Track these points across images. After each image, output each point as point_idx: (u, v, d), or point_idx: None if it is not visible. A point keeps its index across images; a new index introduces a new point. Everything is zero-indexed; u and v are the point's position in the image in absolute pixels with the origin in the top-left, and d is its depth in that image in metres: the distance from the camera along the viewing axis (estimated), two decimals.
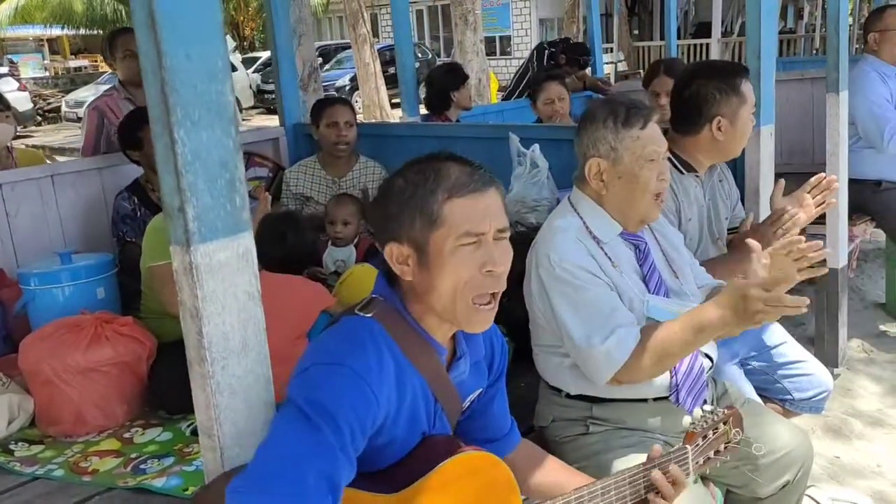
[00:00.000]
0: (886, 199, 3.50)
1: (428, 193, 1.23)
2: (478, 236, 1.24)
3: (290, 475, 1.06)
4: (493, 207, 1.26)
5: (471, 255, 1.24)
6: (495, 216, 1.26)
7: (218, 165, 1.07)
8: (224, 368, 1.11)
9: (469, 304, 1.25)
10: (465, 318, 1.27)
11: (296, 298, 2.21)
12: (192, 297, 1.07)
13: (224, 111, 1.07)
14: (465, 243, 1.23)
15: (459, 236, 1.23)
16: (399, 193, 1.27)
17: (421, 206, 1.24)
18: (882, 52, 3.49)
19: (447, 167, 1.26)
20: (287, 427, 1.12)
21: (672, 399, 1.82)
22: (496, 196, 1.28)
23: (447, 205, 1.23)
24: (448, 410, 1.36)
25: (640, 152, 1.79)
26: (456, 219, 1.23)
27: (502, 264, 1.26)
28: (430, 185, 1.24)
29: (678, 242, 2.02)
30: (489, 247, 1.24)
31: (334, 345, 1.23)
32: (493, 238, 1.25)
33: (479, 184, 1.25)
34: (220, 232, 1.08)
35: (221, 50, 1.06)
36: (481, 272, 1.24)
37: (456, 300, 1.25)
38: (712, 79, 2.25)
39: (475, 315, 1.26)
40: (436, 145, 3.55)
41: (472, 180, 1.25)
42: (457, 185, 1.24)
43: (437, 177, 1.24)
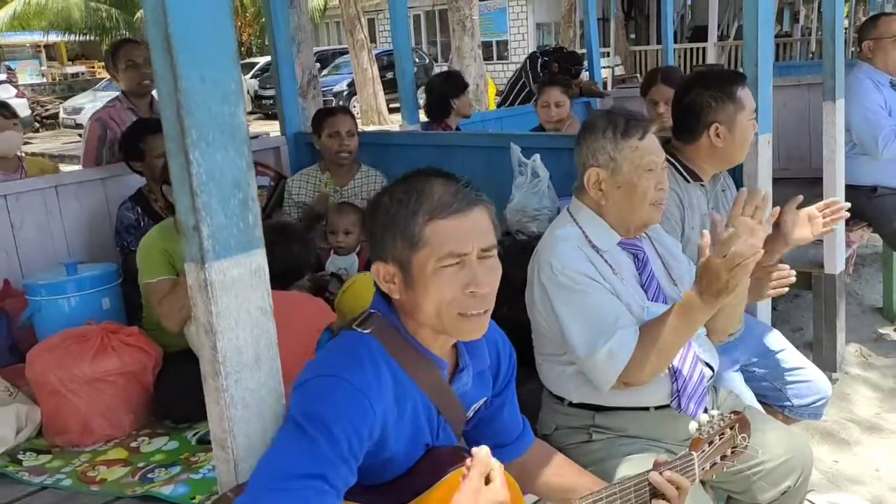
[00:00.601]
0: (882, 204, 3.53)
1: (410, 215, 1.24)
2: (460, 257, 1.23)
3: (288, 488, 1.08)
4: (478, 227, 1.26)
5: (454, 276, 1.24)
6: (479, 236, 1.25)
7: (231, 185, 1.09)
8: (237, 382, 1.13)
9: (455, 317, 1.26)
10: (455, 329, 1.28)
11: (300, 315, 2.22)
12: (207, 312, 1.09)
13: (237, 132, 1.09)
14: (448, 264, 1.23)
15: (441, 258, 1.23)
16: (384, 213, 1.28)
17: (403, 228, 1.24)
18: (876, 59, 3.52)
19: (431, 187, 1.26)
20: (284, 441, 1.15)
21: (673, 405, 1.85)
22: (482, 215, 1.27)
23: (429, 226, 1.23)
24: (452, 422, 1.38)
25: (638, 162, 1.82)
26: (438, 240, 1.23)
27: (487, 285, 1.25)
28: (412, 205, 1.24)
29: (676, 250, 2.05)
30: (472, 267, 1.24)
31: (332, 359, 1.26)
32: (476, 258, 1.25)
33: (463, 203, 1.24)
34: (234, 249, 1.10)
35: (235, 73, 1.09)
36: (464, 293, 1.24)
37: (441, 317, 1.26)
38: (708, 87, 2.29)
39: (465, 323, 1.26)
40: (436, 154, 3.61)
41: (455, 200, 1.24)
42: (438, 207, 1.23)
43: (419, 197, 1.24)
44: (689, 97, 2.32)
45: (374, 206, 1.32)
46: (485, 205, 1.30)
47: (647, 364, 1.72)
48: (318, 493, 1.09)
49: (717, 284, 1.56)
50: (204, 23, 1.04)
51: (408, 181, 1.31)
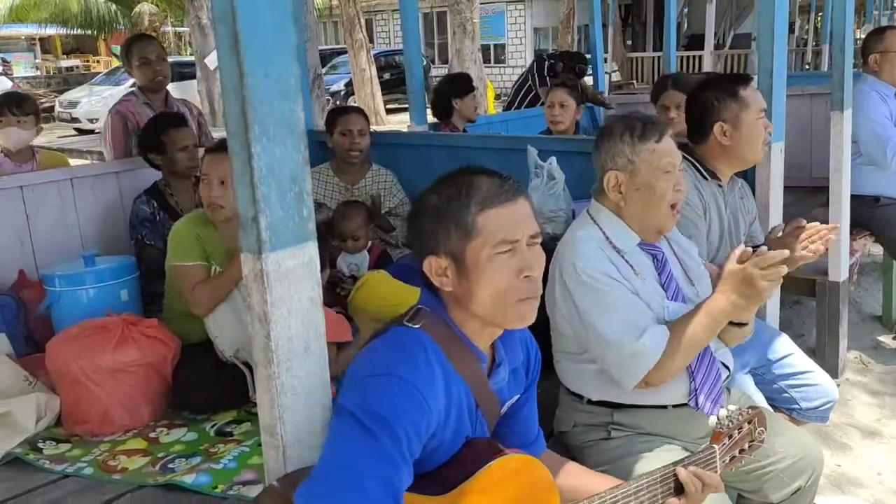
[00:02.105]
0: (884, 214, 3.59)
1: (462, 206, 1.30)
2: (512, 244, 1.30)
3: (354, 484, 1.12)
4: (524, 215, 1.33)
5: (507, 262, 1.30)
6: (527, 223, 1.32)
7: (289, 179, 1.13)
8: (288, 370, 1.16)
9: (513, 303, 1.31)
10: (513, 314, 1.32)
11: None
12: (262, 302, 1.13)
13: (295, 128, 1.13)
14: (501, 251, 1.29)
15: (495, 245, 1.29)
16: (434, 209, 1.33)
17: (456, 219, 1.30)
18: (882, 72, 3.58)
19: (478, 180, 1.33)
20: (347, 436, 1.17)
21: (691, 404, 1.89)
22: (525, 204, 1.34)
23: (481, 216, 1.29)
24: (488, 416, 1.42)
25: (656, 164, 1.87)
26: (490, 228, 1.29)
27: (538, 268, 1.32)
28: (463, 198, 1.30)
29: (692, 251, 2.10)
30: (524, 253, 1.31)
31: (385, 355, 1.29)
32: (526, 244, 1.31)
33: (510, 194, 1.31)
34: (289, 241, 1.14)
35: (294, 70, 1.12)
36: (519, 278, 1.30)
37: (496, 305, 1.31)
38: (712, 88, 2.39)
39: (521, 308, 1.32)
40: (447, 155, 3.64)
41: (502, 191, 1.31)
42: (489, 197, 1.30)
43: (469, 190, 1.31)
44: (697, 99, 2.43)
45: (421, 205, 1.37)
46: (526, 196, 1.37)
47: (670, 364, 1.76)
48: (391, 495, 1.13)
49: (750, 292, 1.63)
50: (268, 20, 1.08)
51: (453, 178, 1.36)
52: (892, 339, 3.92)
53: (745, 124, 2.33)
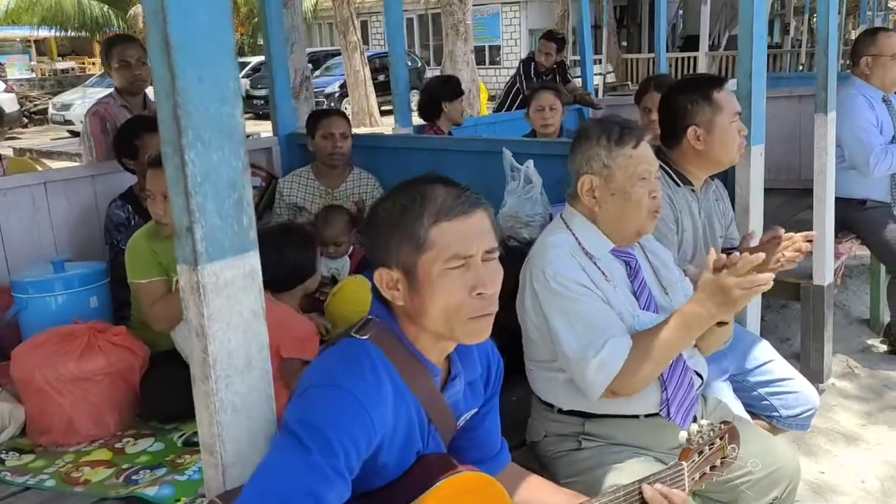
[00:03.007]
0: (871, 217, 3.56)
1: (414, 218, 1.25)
2: (466, 259, 1.24)
3: (282, 501, 1.07)
4: (481, 229, 1.27)
5: (460, 277, 1.24)
6: (483, 237, 1.27)
7: (227, 186, 1.08)
8: (228, 386, 1.12)
9: (465, 321, 1.26)
10: (462, 332, 1.28)
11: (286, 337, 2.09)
12: (199, 315, 1.08)
13: (234, 133, 1.09)
14: (454, 266, 1.24)
15: (447, 259, 1.23)
16: (386, 218, 1.28)
17: (408, 231, 1.25)
18: (873, 76, 3.52)
19: (434, 190, 1.27)
20: (281, 451, 1.14)
21: (663, 414, 1.85)
22: (484, 217, 1.29)
23: (434, 228, 1.24)
24: (442, 430, 1.37)
25: (632, 170, 1.83)
26: (443, 242, 1.23)
27: (492, 286, 1.26)
28: (416, 209, 1.25)
29: (667, 258, 2.06)
30: (478, 268, 1.25)
31: (332, 367, 1.25)
32: (481, 259, 1.26)
33: (466, 206, 1.26)
34: (228, 251, 1.09)
35: (234, 72, 1.08)
36: (471, 295, 1.24)
37: (450, 322, 1.26)
38: (685, 91, 2.34)
39: (473, 325, 1.27)
40: (430, 158, 3.60)
41: (458, 203, 1.25)
42: (443, 209, 1.24)
43: (423, 200, 1.25)
44: (670, 103, 2.38)
45: (375, 213, 1.32)
46: (485, 207, 1.31)
47: (639, 374, 1.72)
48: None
49: (727, 301, 1.58)
50: (203, 22, 1.04)
51: (409, 187, 1.31)
52: (879, 343, 3.88)
53: (719, 128, 2.29)
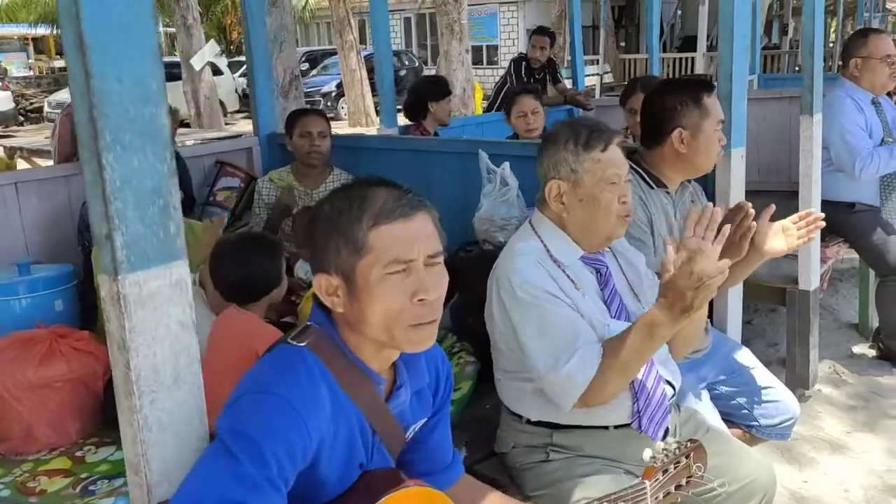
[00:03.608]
0: (859, 221, 3.50)
1: (353, 221, 1.19)
2: (406, 263, 1.19)
3: None
4: (423, 232, 1.21)
5: (400, 283, 1.19)
6: (425, 241, 1.21)
7: (150, 192, 1.03)
8: (153, 402, 1.06)
9: (406, 328, 1.21)
10: (403, 340, 1.22)
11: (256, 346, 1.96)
12: (120, 328, 1.02)
13: (158, 136, 1.03)
14: (394, 271, 1.18)
15: (387, 264, 1.18)
16: (325, 222, 1.22)
17: (346, 235, 1.19)
18: (862, 78, 3.46)
19: (373, 192, 1.22)
20: (208, 461, 1.08)
21: (634, 426, 1.80)
22: (426, 220, 1.23)
23: (373, 232, 1.18)
24: (388, 442, 1.32)
25: (600, 175, 1.77)
26: (382, 245, 1.18)
27: (435, 291, 1.21)
28: (354, 211, 1.19)
29: (639, 264, 2.01)
30: (420, 273, 1.20)
31: (265, 374, 1.19)
32: (423, 264, 1.20)
33: (407, 208, 1.20)
34: (152, 261, 1.04)
35: (157, 72, 1.02)
36: (412, 301, 1.19)
37: (389, 330, 1.20)
38: (674, 92, 2.27)
39: (415, 334, 1.21)
40: (411, 159, 3.55)
41: (398, 205, 1.20)
42: (382, 211, 1.19)
43: (362, 203, 1.20)
44: (656, 102, 2.30)
45: (314, 216, 1.26)
46: (429, 210, 1.25)
47: (608, 383, 1.66)
48: None
49: (681, 303, 1.52)
50: (122, 20, 0.98)
51: (349, 189, 1.26)
52: (868, 348, 3.83)
53: (704, 133, 2.22)
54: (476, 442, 2.13)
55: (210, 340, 2.09)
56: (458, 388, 2.43)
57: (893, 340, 3.59)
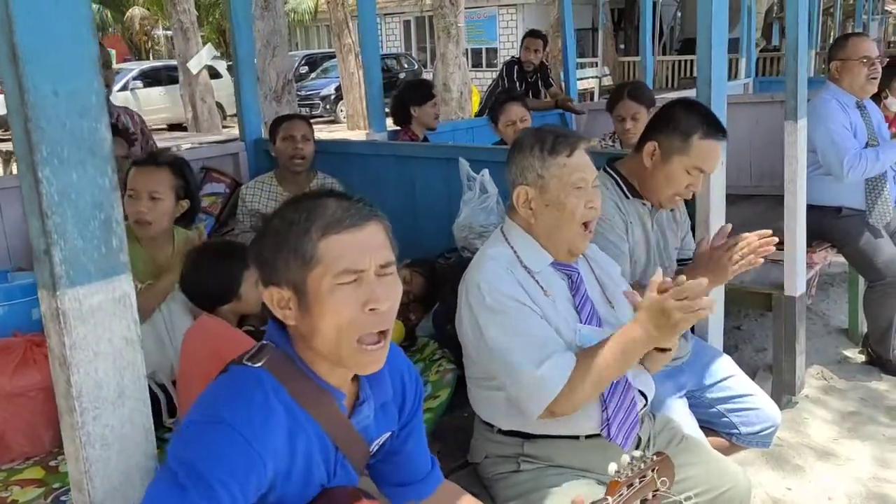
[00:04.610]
0: (847, 225, 3.48)
1: (302, 232, 1.18)
2: (357, 273, 1.18)
3: None
4: (374, 242, 1.20)
5: (351, 293, 1.17)
6: (376, 251, 1.20)
7: (91, 206, 1.01)
8: (96, 419, 1.05)
9: (354, 345, 1.19)
10: (352, 360, 1.21)
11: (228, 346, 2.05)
12: (60, 344, 1.01)
13: (98, 149, 1.01)
14: (344, 282, 1.17)
15: (337, 274, 1.17)
16: (274, 234, 1.21)
17: (295, 246, 1.18)
18: (843, 80, 3.46)
19: (323, 203, 1.21)
20: (157, 491, 1.07)
21: (603, 434, 1.78)
22: (378, 230, 1.22)
23: (322, 242, 1.17)
24: (352, 458, 1.30)
25: (566, 180, 1.76)
26: (332, 256, 1.17)
27: (386, 301, 1.20)
28: (303, 223, 1.18)
29: (613, 271, 1.99)
30: (371, 283, 1.18)
31: (218, 399, 1.18)
32: (375, 274, 1.19)
33: (357, 218, 1.19)
34: (93, 276, 1.02)
35: (95, 85, 1.01)
36: (363, 311, 1.18)
37: (340, 342, 1.19)
38: (686, 111, 2.17)
39: (363, 356, 1.20)
40: (396, 164, 3.54)
41: (348, 215, 1.19)
42: (332, 222, 1.18)
43: (311, 214, 1.19)
44: (669, 108, 2.25)
45: (264, 229, 1.25)
46: (380, 220, 1.24)
47: (578, 394, 1.65)
48: None
49: (666, 321, 1.51)
50: (58, 31, 0.97)
51: (299, 201, 1.25)
52: (857, 353, 3.81)
53: (672, 165, 2.14)
54: (452, 451, 2.12)
55: (183, 347, 2.08)
56: (437, 396, 2.41)
57: (882, 346, 3.57)
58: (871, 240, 3.43)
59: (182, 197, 2.46)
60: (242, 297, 2.11)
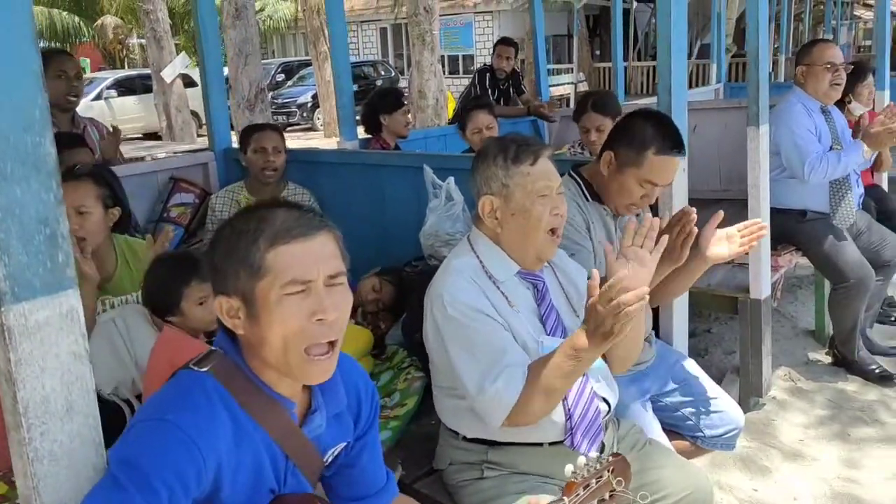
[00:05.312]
0: (811, 228, 3.53)
1: (251, 242, 1.19)
2: (305, 284, 1.18)
3: None
4: (322, 253, 1.21)
5: (299, 304, 1.18)
6: (325, 262, 1.21)
7: (36, 221, 1.01)
8: (43, 434, 1.04)
9: (302, 355, 1.20)
10: (299, 370, 1.22)
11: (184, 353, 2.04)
12: (5, 360, 1.01)
13: (43, 164, 1.01)
14: (292, 292, 1.18)
15: (285, 285, 1.17)
16: (224, 244, 1.22)
17: (244, 256, 1.19)
18: (807, 85, 3.52)
19: (272, 213, 1.21)
20: (97, 493, 1.07)
21: (567, 443, 1.79)
22: (327, 240, 1.23)
23: (270, 252, 1.18)
24: (304, 467, 1.30)
25: (530, 188, 1.78)
26: (280, 266, 1.18)
27: (335, 311, 1.20)
28: (252, 233, 1.19)
29: (578, 279, 2.00)
30: (319, 294, 1.19)
31: (162, 400, 1.18)
32: (323, 285, 1.20)
33: (305, 229, 1.20)
34: (39, 291, 1.02)
35: (38, 99, 1.00)
36: (311, 321, 1.19)
37: (287, 352, 1.19)
38: (648, 122, 2.17)
39: (310, 366, 1.21)
40: (366, 173, 3.54)
41: (297, 225, 1.20)
42: (280, 232, 1.19)
43: (260, 224, 1.20)
44: (630, 119, 2.25)
45: (216, 238, 1.26)
46: (330, 230, 1.25)
47: (533, 404, 1.66)
48: None
49: (602, 329, 1.52)
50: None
51: (249, 211, 1.26)
52: (824, 355, 3.86)
53: (625, 176, 2.15)
54: (419, 459, 2.13)
55: (148, 362, 2.07)
56: (404, 404, 2.42)
57: (847, 347, 3.62)
58: (835, 242, 3.48)
59: (111, 205, 2.41)
60: (185, 313, 2.09)
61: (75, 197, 2.24)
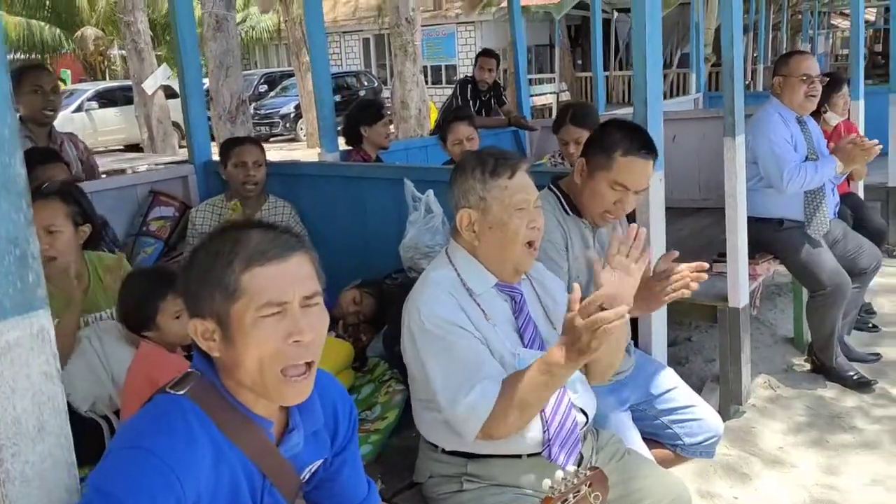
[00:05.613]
0: (788, 237, 3.57)
1: (225, 264, 1.18)
2: (280, 306, 1.18)
3: None
4: (298, 274, 1.21)
5: (274, 325, 1.18)
6: (301, 283, 1.21)
7: (6, 242, 1.01)
8: (15, 455, 1.04)
9: (278, 376, 1.20)
10: (276, 391, 1.22)
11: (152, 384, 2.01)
12: None
13: (12, 184, 1.01)
14: (267, 314, 1.18)
15: (260, 307, 1.17)
16: (199, 266, 1.22)
17: (219, 279, 1.19)
18: (784, 96, 3.57)
19: (247, 234, 1.21)
20: None
21: (545, 455, 1.80)
22: (303, 261, 1.23)
23: (245, 274, 1.18)
24: (281, 486, 1.30)
25: (508, 201, 1.79)
26: (255, 288, 1.17)
27: (310, 333, 1.20)
28: (227, 255, 1.19)
29: (557, 292, 2.01)
30: (295, 315, 1.19)
31: (139, 426, 1.18)
32: (299, 306, 1.20)
33: (280, 250, 1.20)
34: (9, 311, 1.02)
35: (8, 119, 1.00)
36: (287, 342, 1.19)
37: (264, 374, 1.19)
38: (617, 130, 2.21)
39: (287, 388, 1.21)
40: (346, 185, 3.55)
41: (272, 247, 1.20)
42: (255, 254, 1.19)
43: (234, 246, 1.19)
44: (602, 127, 2.29)
45: (191, 260, 1.26)
46: (306, 251, 1.25)
47: (507, 418, 1.67)
48: None
49: (577, 345, 1.53)
50: None
51: (224, 232, 1.25)
52: (803, 362, 3.90)
53: (597, 182, 2.18)
54: (400, 471, 2.12)
55: (126, 378, 2.06)
56: (385, 417, 2.42)
57: (825, 354, 3.66)
58: (811, 251, 3.53)
59: (80, 223, 2.40)
60: (161, 327, 2.07)
61: (44, 216, 2.22)
